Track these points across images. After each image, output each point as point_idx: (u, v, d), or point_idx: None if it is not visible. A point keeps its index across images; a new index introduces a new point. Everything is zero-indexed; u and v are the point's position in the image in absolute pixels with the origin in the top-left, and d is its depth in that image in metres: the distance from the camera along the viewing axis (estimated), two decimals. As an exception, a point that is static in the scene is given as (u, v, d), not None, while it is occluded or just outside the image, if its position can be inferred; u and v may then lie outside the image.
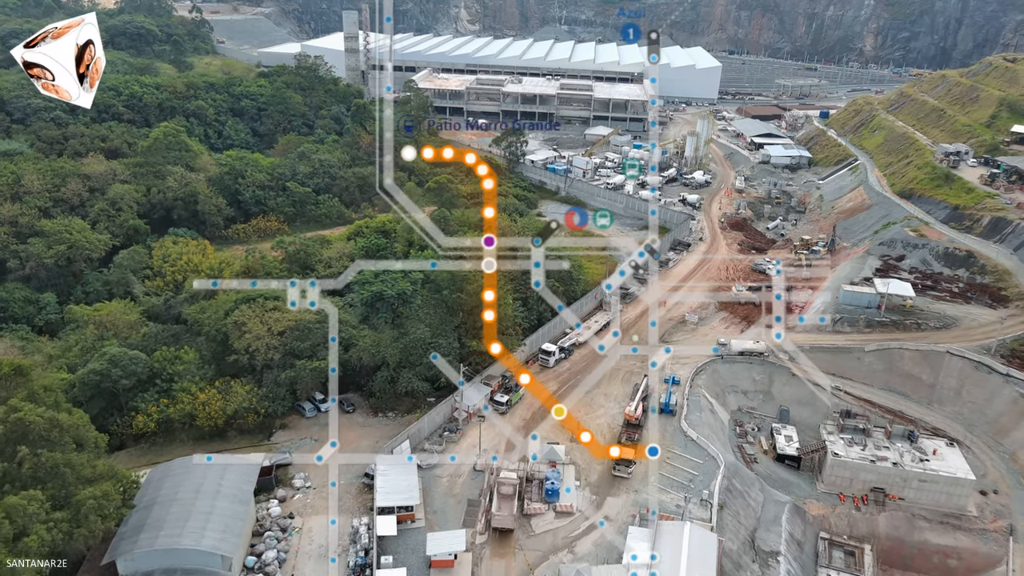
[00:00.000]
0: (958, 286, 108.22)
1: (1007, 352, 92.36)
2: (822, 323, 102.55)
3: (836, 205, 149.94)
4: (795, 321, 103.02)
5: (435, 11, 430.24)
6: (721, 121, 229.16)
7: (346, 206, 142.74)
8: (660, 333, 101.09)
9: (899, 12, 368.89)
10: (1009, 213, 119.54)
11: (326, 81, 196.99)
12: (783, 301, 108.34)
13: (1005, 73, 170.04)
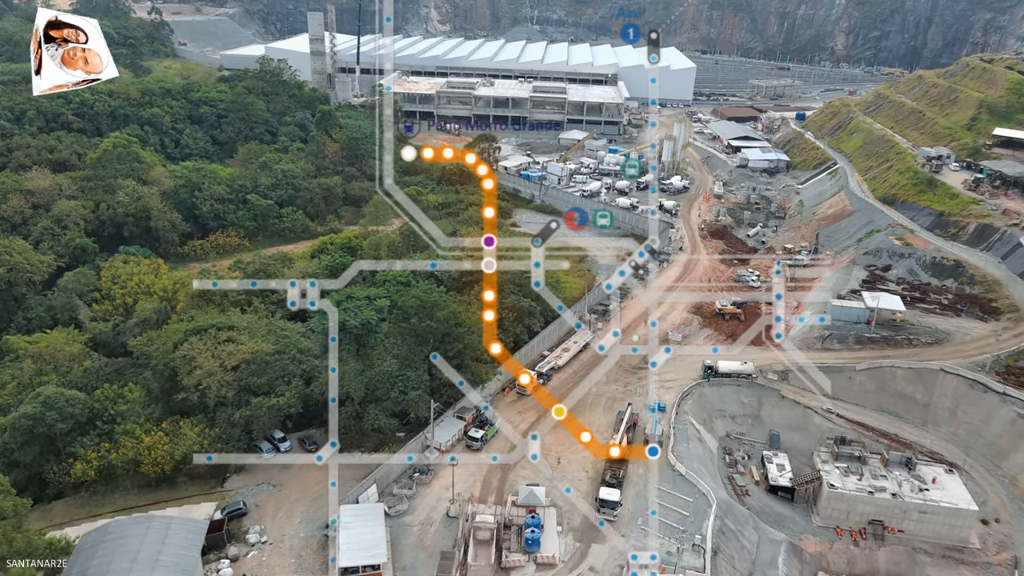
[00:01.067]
0: (947, 298, 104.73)
1: (1002, 369, 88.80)
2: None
3: (817, 211, 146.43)
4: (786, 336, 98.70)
5: (405, 11, 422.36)
6: (697, 123, 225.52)
7: (311, 219, 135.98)
8: (642, 355, 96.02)
9: (870, 11, 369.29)
10: (995, 220, 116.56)
11: (290, 85, 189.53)
12: (783, 301, 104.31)
13: (983, 74, 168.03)
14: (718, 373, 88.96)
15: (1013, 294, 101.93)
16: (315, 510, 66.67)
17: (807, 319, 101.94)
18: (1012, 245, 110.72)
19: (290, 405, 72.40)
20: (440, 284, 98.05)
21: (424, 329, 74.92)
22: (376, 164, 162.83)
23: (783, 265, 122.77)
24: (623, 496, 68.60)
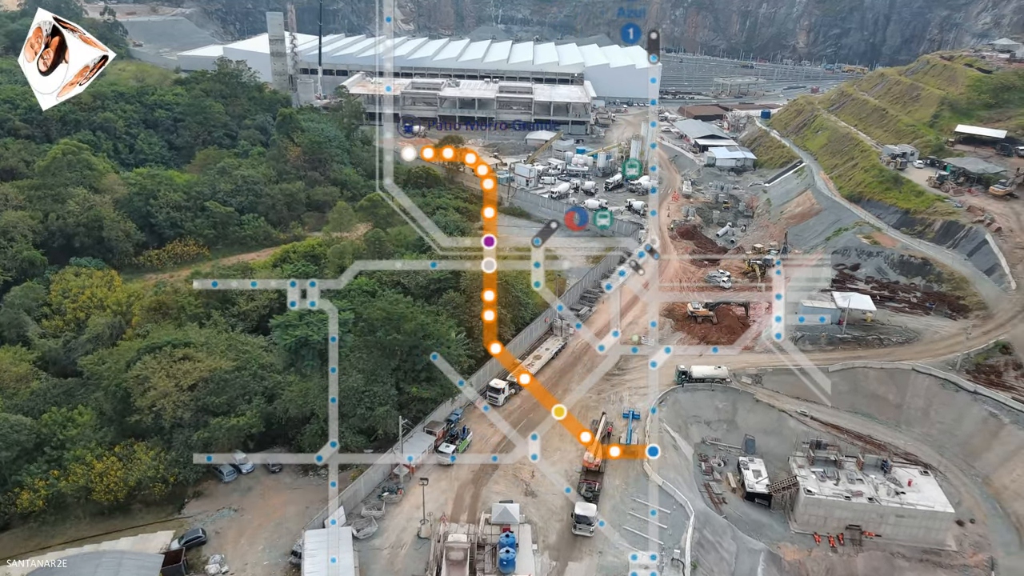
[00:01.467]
0: (916, 296, 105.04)
1: (972, 367, 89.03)
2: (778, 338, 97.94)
3: (785, 210, 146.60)
4: (757, 339, 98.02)
5: (367, 10, 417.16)
6: (663, 122, 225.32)
7: (273, 226, 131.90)
8: (615, 361, 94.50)
9: (830, 9, 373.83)
10: (960, 217, 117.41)
11: (250, 87, 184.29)
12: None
13: (943, 71, 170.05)
14: (692, 378, 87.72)
15: (980, 291, 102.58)
16: (279, 536, 63.72)
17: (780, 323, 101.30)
18: (977, 242, 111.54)
19: (251, 425, 69.25)
20: (407, 293, 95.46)
21: (391, 342, 72.22)
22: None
23: (755, 265, 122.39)
24: (599, 510, 66.77)
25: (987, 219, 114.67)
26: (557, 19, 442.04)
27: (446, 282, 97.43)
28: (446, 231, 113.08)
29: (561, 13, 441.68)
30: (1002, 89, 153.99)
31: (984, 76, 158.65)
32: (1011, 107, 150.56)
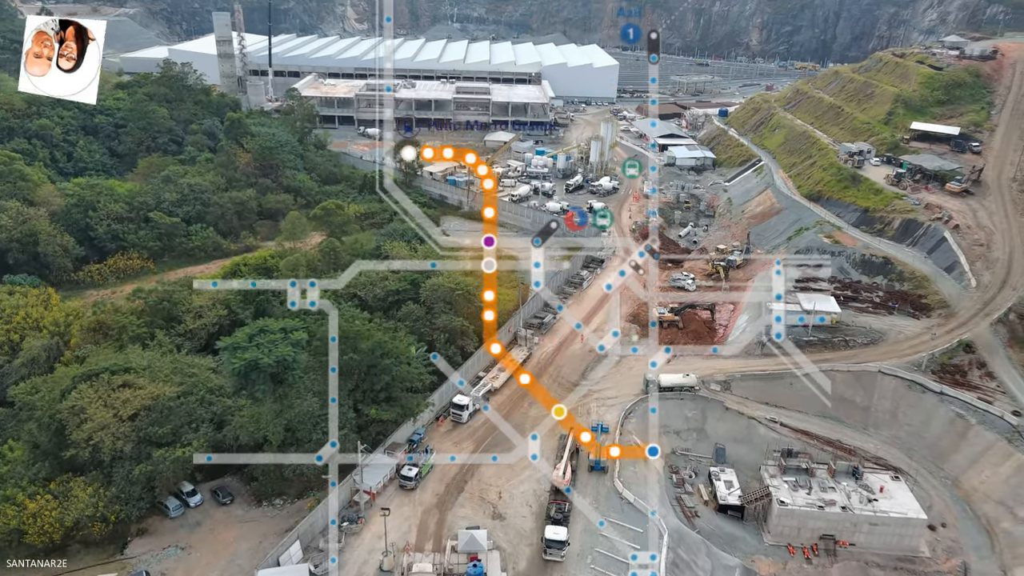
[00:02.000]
0: (878, 295, 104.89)
1: (937, 367, 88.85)
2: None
3: (746, 209, 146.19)
4: (722, 345, 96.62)
5: (319, 9, 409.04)
6: (623, 121, 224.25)
7: (223, 236, 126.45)
8: (580, 369, 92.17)
9: (781, 7, 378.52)
10: (919, 215, 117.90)
11: (196, 91, 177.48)
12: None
13: (896, 69, 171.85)
14: (661, 387, 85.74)
15: (942, 289, 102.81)
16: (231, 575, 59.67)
17: (743, 326, 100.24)
18: (936, 239, 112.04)
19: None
20: (365, 307, 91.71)
21: (347, 363, 68.50)
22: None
23: (719, 266, 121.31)
24: (570, 532, 64.15)
25: (945, 216, 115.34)
26: (513, 18, 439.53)
27: (405, 294, 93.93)
28: (403, 239, 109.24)
29: (517, 12, 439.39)
30: (953, 86, 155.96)
31: (936, 73, 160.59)
32: (962, 103, 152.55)
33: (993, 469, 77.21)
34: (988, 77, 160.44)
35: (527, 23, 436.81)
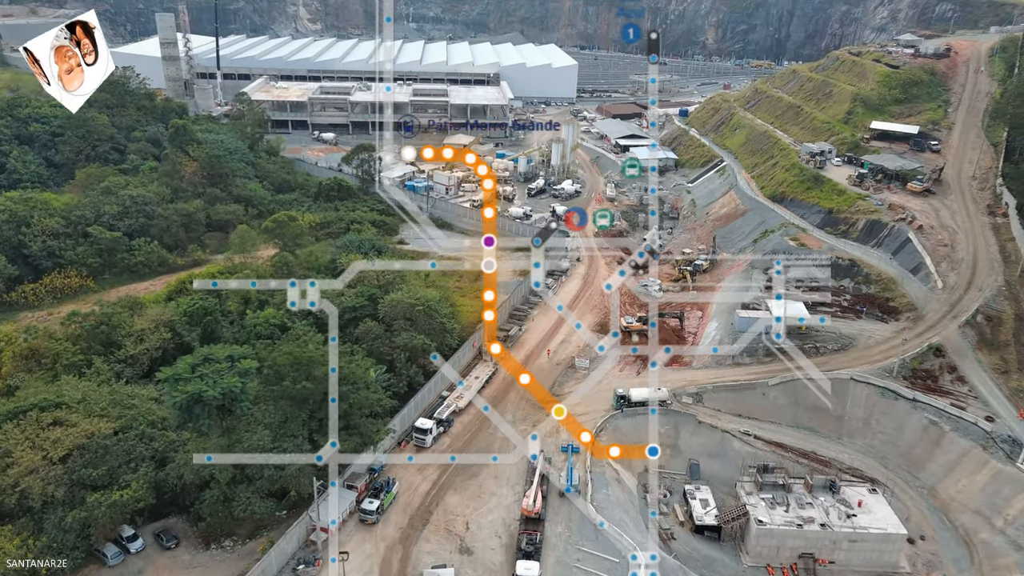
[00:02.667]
0: (846, 299, 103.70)
1: (909, 373, 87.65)
2: (715, 352, 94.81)
3: (710, 211, 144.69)
4: (692, 355, 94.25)
5: (270, 9, 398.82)
6: (583, 122, 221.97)
7: (169, 250, 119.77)
8: (548, 385, 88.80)
9: (736, 6, 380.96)
10: (882, 215, 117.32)
11: (138, 96, 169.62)
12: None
13: (853, 67, 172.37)
14: (632, 402, 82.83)
15: (908, 291, 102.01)
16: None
17: (712, 334, 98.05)
18: (901, 240, 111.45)
19: (138, 499, 59.71)
20: (321, 326, 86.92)
21: (300, 391, 63.90)
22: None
23: (685, 271, 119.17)
24: (543, 566, 60.61)
25: (908, 217, 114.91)
26: (470, 17, 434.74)
27: (363, 310, 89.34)
28: (360, 251, 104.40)
29: (473, 11, 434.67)
30: (910, 84, 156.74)
31: (892, 71, 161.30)
32: (920, 102, 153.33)
33: (969, 478, 76.06)
34: (943, 75, 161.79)
35: (484, 22, 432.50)
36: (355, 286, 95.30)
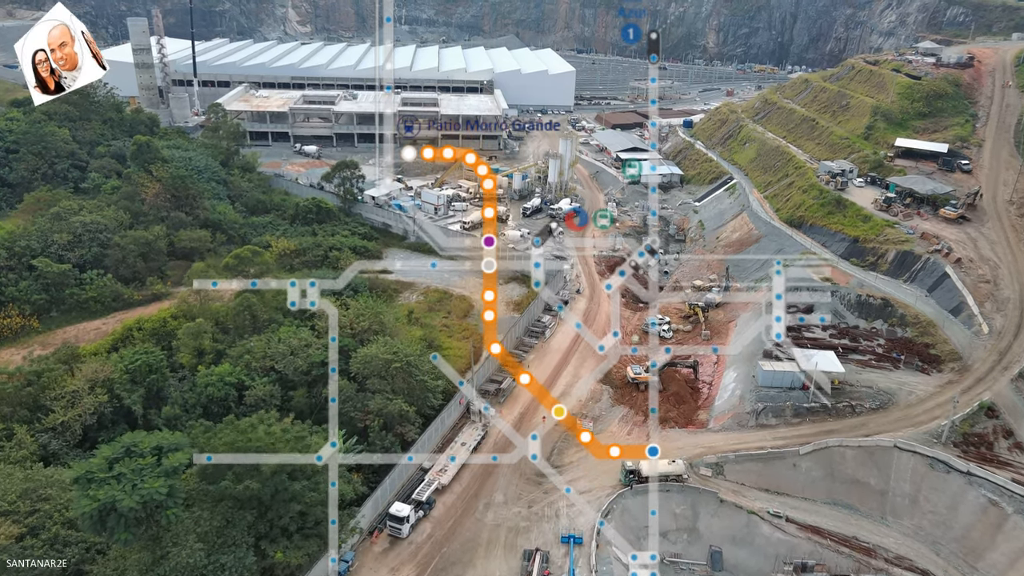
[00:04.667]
0: (879, 344, 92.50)
1: (959, 438, 76.35)
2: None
3: (720, 235, 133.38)
4: (709, 416, 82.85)
5: (258, 11, 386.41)
6: (581, 132, 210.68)
7: (126, 283, 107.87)
8: (547, 451, 77.31)
9: (738, 8, 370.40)
10: (915, 246, 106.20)
11: (105, 107, 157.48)
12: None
13: (870, 77, 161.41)
14: (643, 478, 71.39)
15: (951, 337, 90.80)
16: None
17: (730, 387, 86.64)
18: (937, 276, 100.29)
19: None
20: (284, 383, 75.66)
21: (243, 492, 52.25)
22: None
23: (696, 307, 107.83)
24: None
25: (944, 248, 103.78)
26: (464, 19, 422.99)
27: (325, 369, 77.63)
28: (332, 293, 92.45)
29: (468, 13, 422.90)
30: (934, 97, 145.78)
31: (914, 83, 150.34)
32: (945, 116, 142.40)
33: (1040, 573, 64.84)
34: (968, 86, 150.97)
35: (478, 25, 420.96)
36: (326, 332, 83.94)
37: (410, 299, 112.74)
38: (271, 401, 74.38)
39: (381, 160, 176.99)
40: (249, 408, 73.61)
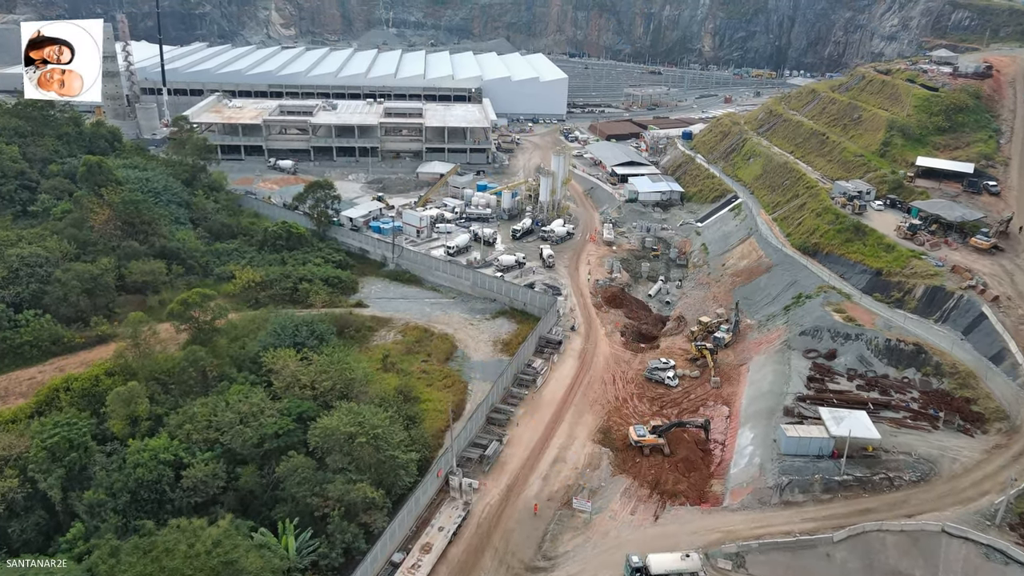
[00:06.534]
0: (913, 397, 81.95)
1: (1016, 519, 65.79)
2: (748, 483, 72.69)
3: (726, 262, 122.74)
4: (724, 488, 72.02)
5: (239, 14, 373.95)
6: (574, 143, 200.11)
7: (67, 323, 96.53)
8: (537, 538, 66.29)
9: (734, 11, 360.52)
10: (945, 280, 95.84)
11: (60, 121, 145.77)
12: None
13: (883, 88, 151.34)
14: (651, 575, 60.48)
15: (994, 390, 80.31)
16: None
17: (746, 452, 75.82)
18: (973, 316, 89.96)
19: None
20: (232, 457, 64.72)
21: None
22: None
23: (704, 349, 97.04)
24: None
25: (978, 284, 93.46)
26: (453, 22, 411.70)
27: (288, 437, 66.75)
28: (294, 341, 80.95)
29: (457, 16, 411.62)
30: (954, 110, 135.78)
31: (931, 95, 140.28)
32: (966, 131, 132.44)
33: None
34: (988, 98, 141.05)
35: (468, 28, 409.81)
36: (285, 392, 72.89)
37: (386, 338, 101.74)
38: (213, 483, 63.37)
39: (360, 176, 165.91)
40: (186, 493, 62.72)
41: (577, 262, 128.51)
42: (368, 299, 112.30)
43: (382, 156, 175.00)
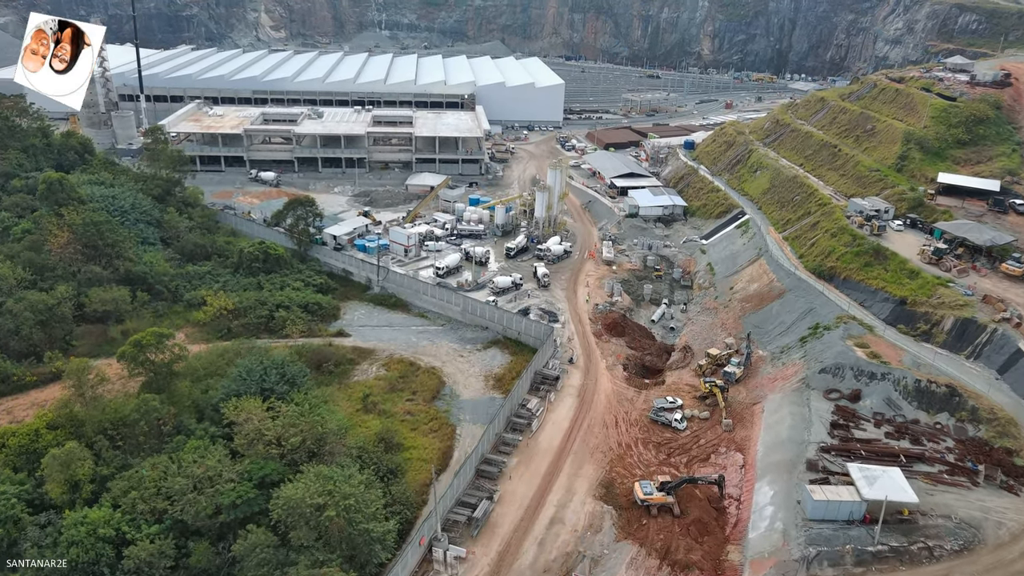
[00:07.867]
0: (948, 447, 74.08)
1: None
2: (777, 548, 64.65)
3: (735, 286, 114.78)
4: (743, 557, 63.94)
5: (228, 16, 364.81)
6: (571, 152, 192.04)
7: (19, 359, 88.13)
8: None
9: (734, 14, 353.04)
10: (976, 311, 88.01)
11: (27, 132, 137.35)
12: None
13: (896, 97, 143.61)
14: (663, 675, 52.44)
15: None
16: None
17: (766, 511, 67.77)
18: (1009, 353, 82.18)
19: None
20: (184, 530, 56.55)
21: None
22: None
23: (714, 386, 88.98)
24: None
25: (1013, 316, 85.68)
26: (447, 24, 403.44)
27: (249, 506, 58.55)
28: (261, 387, 72.53)
29: (451, 18, 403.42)
30: (974, 122, 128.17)
31: (949, 105, 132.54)
32: (988, 144, 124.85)
33: None
34: (1009, 109, 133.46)
35: (462, 30, 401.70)
36: (247, 448, 64.60)
37: (369, 372, 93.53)
38: (160, 563, 55.14)
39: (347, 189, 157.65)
40: (128, 576, 54.48)
41: (575, 283, 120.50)
42: (350, 327, 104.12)
43: (370, 167, 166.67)
